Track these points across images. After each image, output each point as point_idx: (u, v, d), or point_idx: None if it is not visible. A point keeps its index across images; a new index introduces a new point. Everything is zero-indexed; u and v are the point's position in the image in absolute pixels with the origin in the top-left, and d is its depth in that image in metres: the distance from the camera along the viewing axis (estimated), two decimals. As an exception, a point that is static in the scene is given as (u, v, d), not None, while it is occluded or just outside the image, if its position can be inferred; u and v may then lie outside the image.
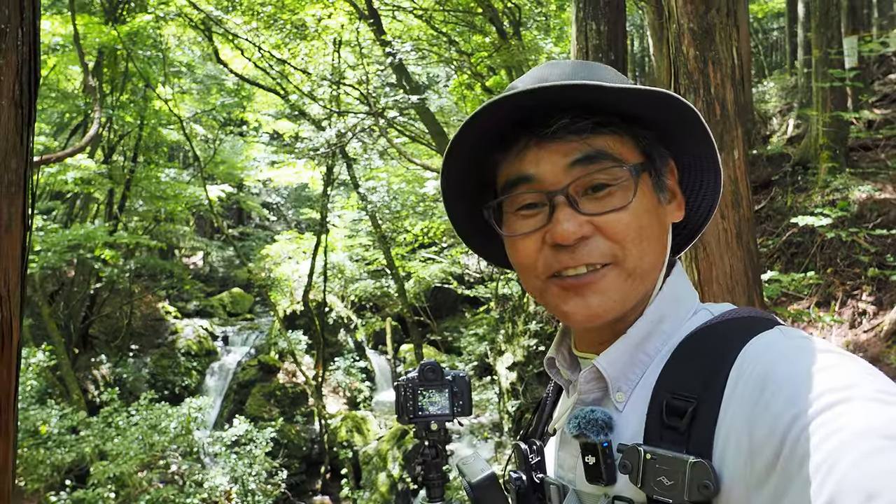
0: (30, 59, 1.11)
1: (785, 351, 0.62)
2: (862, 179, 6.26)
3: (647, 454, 0.64)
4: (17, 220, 1.10)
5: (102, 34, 9.59)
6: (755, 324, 0.68)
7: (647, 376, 0.73)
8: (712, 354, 0.66)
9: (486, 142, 0.76)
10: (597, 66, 0.78)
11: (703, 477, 0.60)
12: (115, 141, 12.19)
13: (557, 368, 0.86)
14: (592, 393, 0.77)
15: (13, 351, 1.09)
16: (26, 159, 1.14)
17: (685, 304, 0.77)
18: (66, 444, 6.28)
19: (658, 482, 0.62)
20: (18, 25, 1.07)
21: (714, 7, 2.45)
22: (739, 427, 0.60)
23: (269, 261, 15.03)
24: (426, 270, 13.24)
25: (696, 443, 0.62)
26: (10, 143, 1.08)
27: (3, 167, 1.04)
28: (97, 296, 12.45)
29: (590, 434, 0.71)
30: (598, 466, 0.70)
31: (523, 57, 8.91)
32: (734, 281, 2.44)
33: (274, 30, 10.27)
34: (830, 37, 6.62)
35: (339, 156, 11.41)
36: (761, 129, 9.67)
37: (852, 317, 5.23)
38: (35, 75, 1.15)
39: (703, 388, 0.64)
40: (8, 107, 1.07)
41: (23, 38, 1.08)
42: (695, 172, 0.83)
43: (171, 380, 12.09)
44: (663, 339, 0.74)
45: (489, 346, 10.01)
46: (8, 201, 1.06)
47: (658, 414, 0.66)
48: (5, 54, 1.05)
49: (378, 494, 9.28)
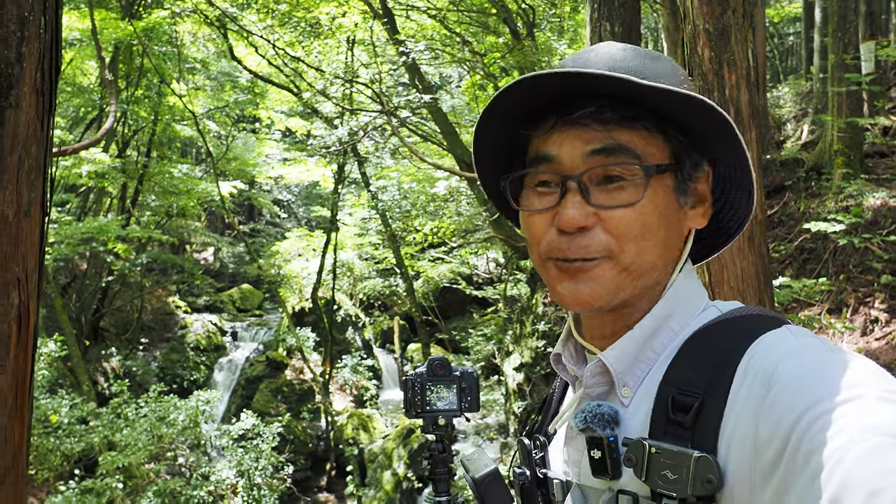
0: (51, 48, 1.13)
1: (792, 349, 0.62)
2: (877, 186, 6.20)
3: (652, 448, 0.64)
4: (37, 206, 1.11)
5: (119, 30, 9.69)
6: (763, 322, 0.68)
7: (654, 372, 0.73)
8: (719, 351, 0.67)
9: (519, 115, 0.77)
10: (652, 57, 0.77)
11: (708, 472, 0.60)
12: (129, 136, 12.29)
13: (564, 364, 0.86)
14: (598, 387, 0.77)
15: (30, 334, 1.11)
16: (46, 146, 1.16)
17: (694, 301, 0.77)
18: (76, 433, 6.35)
19: (662, 476, 0.63)
20: (41, 14, 1.08)
21: (730, 8, 2.44)
22: (745, 423, 0.60)
23: (279, 258, 15.10)
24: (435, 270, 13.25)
25: (700, 438, 0.63)
26: (31, 130, 1.10)
27: (24, 153, 1.06)
28: (109, 289, 12.57)
29: (596, 428, 0.71)
30: (604, 460, 0.70)
31: (536, 58, 8.90)
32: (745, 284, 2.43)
33: (288, 27, 10.31)
34: (847, 42, 6.56)
35: (350, 154, 11.44)
36: (775, 134, 9.60)
37: (864, 324, 5.18)
38: (56, 64, 1.16)
39: (709, 385, 0.64)
40: (29, 94, 1.08)
41: (45, 27, 1.09)
42: (730, 185, 0.82)
43: (180, 374, 12.18)
44: (670, 335, 0.74)
45: (497, 347, 10.00)
46: (28, 186, 1.07)
47: (664, 409, 0.67)
48: (28, 42, 1.06)
49: (383, 493, 9.29)
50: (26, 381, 1.10)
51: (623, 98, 0.70)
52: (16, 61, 1.06)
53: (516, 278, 10.98)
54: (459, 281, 13.42)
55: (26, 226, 1.09)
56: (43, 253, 1.17)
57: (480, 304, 14.29)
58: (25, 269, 1.09)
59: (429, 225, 12.03)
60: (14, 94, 1.06)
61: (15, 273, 1.06)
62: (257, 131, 15.96)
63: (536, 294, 8.34)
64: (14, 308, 1.06)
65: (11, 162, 1.06)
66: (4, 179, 1.05)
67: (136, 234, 11.18)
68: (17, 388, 1.09)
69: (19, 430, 1.10)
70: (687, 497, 0.61)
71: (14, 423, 1.08)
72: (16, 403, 1.09)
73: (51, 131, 1.19)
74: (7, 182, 1.05)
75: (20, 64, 1.06)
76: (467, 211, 10.20)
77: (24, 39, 1.07)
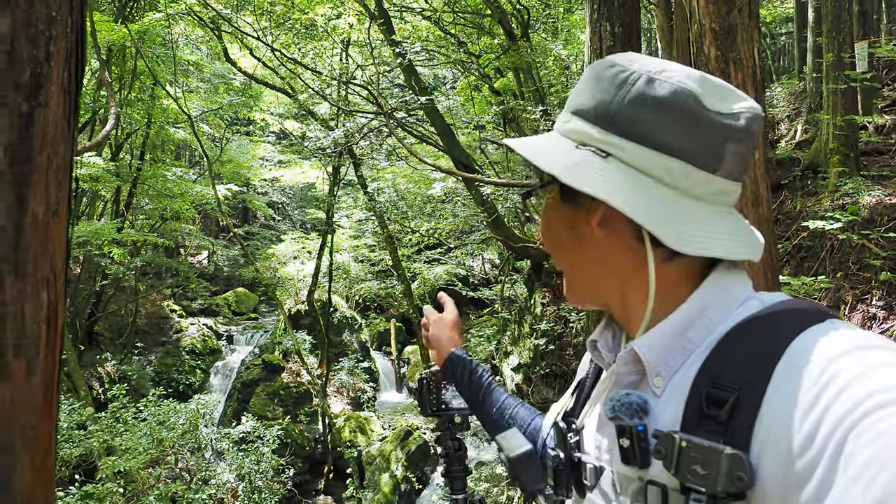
0: (77, 48, 1.13)
1: (835, 346, 0.60)
2: (873, 184, 6.25)
3: (683, 442, 0.63)
4: (64, 205, 1.11)
5: (112, 32, 9.64)
6: (806, 316, 0.66)
7: (690, 364, 0.71)
8: (759, 346, 0.65)
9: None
10: (578, 91, 0.81)
11: (739, 469, 0.59)
12: (122, 139, 12.22)
13: (599, 351, 0.86)
14: (630, 376, 0.77)
15: (58, 335, 1.10)
16: (72, 145, 1.16)
17: (733, 291, 0.74)
18: (75, 439, 6.31)
19: (692, 470, 0.62)
20: (69, 13, 1.08)
21: (736, 7, 2.45)
22: (782, 423, 0.58)
23: (274, 260, 15.06)
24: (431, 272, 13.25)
25: (734, 434, 0.61)
26: (59, 129, 1.09)
27: (52, 152, 1.05)
28: (103, 293, 12.48)
29: (624, 417, 0.71)
30: (633, 449, 0.70)
31: (531, 59, 8.92)
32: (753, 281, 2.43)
33: (283, 29, 10.29)
34: (842, 41, 6.61)
35: (346, 156, 11.42)
36: (769, 134, 9.66)
37: (862, 321, 5.22)
38: (81, 64, 1.16)
39: (746, 380, 0.63)
40: (57, 93, 1.08)
41: (72, 27, 1.09)
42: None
43: (176, 378, 12.11)
44: (709, 326, 0.72)
45: (495, 348, 10.01)
46: (56, 186, 1.07)
47: (697, 402, 0.66)
48: (56, 41, 1.06)
49: (381, 495, 9.27)
50: (55, 382, 1.10)
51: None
52: (45, 60, 1.05)
53: (513, 279, 10.99)
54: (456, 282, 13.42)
55: (55, 225, 1.09)
56: (69, 253, 1.17)
57: (477, 305, 14.30)
58: (54, 269, 1.08)
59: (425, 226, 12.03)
60: (43, 93, 1.06)
61: (44, 272, 1.06)
62: (252, 133, 15.91)
63: (535, 294, 8.35)
64: (44, 308, 1.05)
65: (41, 161, 1.06)
66: (34, 179, 1.04)
67: (130, 238, 11.11)
68: (46, 389, 1.08)
69: (49, 430, 1.10)
70: (716, 493, 0.61)
71: (44, 424, 1.08)
72: (45, 405, 1.09)
73: (76, 131, 1.19)
74: (37, 182, 1.05)
75: (49, 63, 1.06)
76: (463, 212, 10.20)
77: (53, 39, 1.06)
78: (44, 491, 1.07)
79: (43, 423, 1.06)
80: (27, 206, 0.98)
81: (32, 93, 1.00)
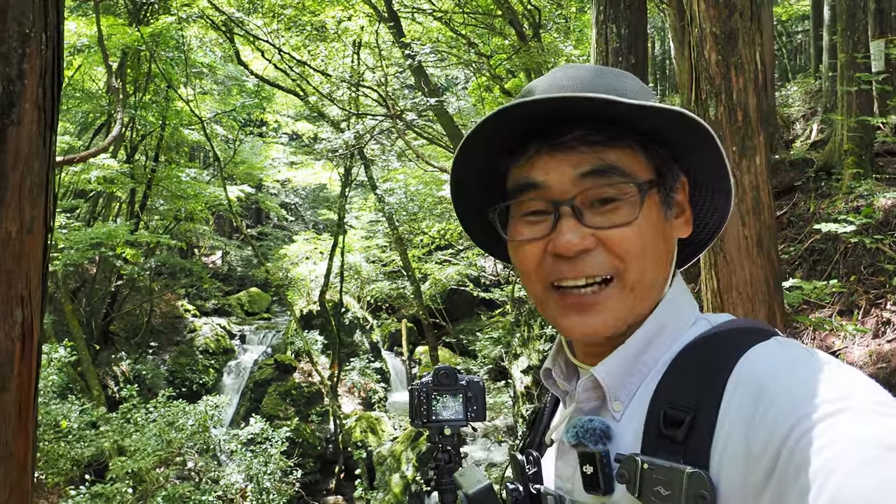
0: (53, 64, 1.13)
1: (782, 361, 0.62)
2: (888, 186, 6.13)
3: (645, 464, 0.63)
4: (39, 222, 1.11)
5: (126, 35, 9.75)
6: (752, 334, 0.68)
7: (645, 386, 0.72)
8: (709, 365, 0.66)
9: (497, 144, 0.76)
10: (616, 75, 0.77)
11: (700, 487, 0.59)
12: (137, 141, 12.37)
13: (554, 379, 0.85)
14: (590, 402, 0.77)
15: (34, 351, 1.11)
16: (49, 161, 1.16)
17: (684, 314, 0.76)
18: (86, 438, 6.39)
19: (655, 492, 0.62)
20: (42, 30, 1.08)
21: (737, 11, 2.41)
22: (737, 437, 0.59)
23: (286, 261, 15.16)
24: (442, 272, 13.25)
25: (693, 453, 0.62)
26: (34, 146, 1.10)
27: (26, 169, 1.06)
28: (118, 293, 12.65)
29: (588, 443, 0.71)
30: (596, 476, 0.69)
31: (542, 59, 8.88)
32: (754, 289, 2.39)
33: (294, 31, 10.35)
34: (857, 40, 6.50)
35: (357, 157, 11.46)
36: (784, 134, 9.53)
37: (876, 326, 5.12)
38: (58, 79, 1.16)
39: (700, 399, 0.64)
40: (31, 110, 1.08)
41: (47, 43, 1.09)
42: (707, 189, 0.83)
43: (189, 377, 12.23)
44: (661, 349, 0.74)
45: (504, 350, 9.98)
46: (31, 203, 1.07)
47: (655, 424, 0.66)
48: (29, 58, 1.06)
49: (391, 495, 9.29)
50: (30, 398, 1.10)
51: (603, 118, 0.70)
52: (17, 78, 1.06)
53: (524, 280, 10.93)
54: (467, 283, 13.41)
55: (29, 243, 1.09)
56: (47, 269, 1.17)
57: (488, 306, 14.28)
58: (29, 287, 1.09)
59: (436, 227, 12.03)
60: (16, 111, 1.06)
61: (18, 290, 1.06)
62: (264, 135, 16.03)
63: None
64: (18, 325, 1.06)
65: (14, 179, 1.06)
66: (7, 197, 1.05)
67: (144, 239, 11.24)
68: (21, 405, 1.08)
69: (24, 446, 1.10)
70: None
71: (19, 439, 1.08)
72: (20, 420, 1.09)
73: (53, 146, 1.19)
74: (10, 200, 1.05)
75: (21, 81, 1.06)
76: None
77: (26, 56, 1.07)
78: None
79: (18, 438, 1.07)
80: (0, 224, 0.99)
81: (5, 111, 1.00)
